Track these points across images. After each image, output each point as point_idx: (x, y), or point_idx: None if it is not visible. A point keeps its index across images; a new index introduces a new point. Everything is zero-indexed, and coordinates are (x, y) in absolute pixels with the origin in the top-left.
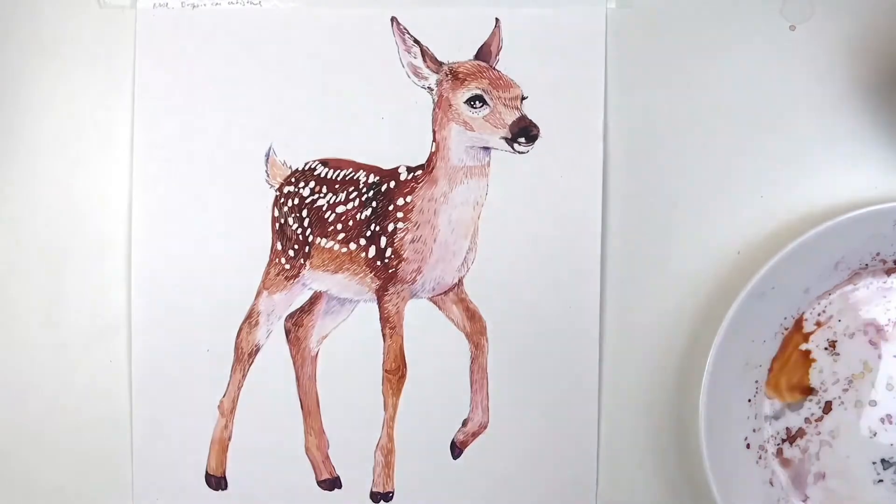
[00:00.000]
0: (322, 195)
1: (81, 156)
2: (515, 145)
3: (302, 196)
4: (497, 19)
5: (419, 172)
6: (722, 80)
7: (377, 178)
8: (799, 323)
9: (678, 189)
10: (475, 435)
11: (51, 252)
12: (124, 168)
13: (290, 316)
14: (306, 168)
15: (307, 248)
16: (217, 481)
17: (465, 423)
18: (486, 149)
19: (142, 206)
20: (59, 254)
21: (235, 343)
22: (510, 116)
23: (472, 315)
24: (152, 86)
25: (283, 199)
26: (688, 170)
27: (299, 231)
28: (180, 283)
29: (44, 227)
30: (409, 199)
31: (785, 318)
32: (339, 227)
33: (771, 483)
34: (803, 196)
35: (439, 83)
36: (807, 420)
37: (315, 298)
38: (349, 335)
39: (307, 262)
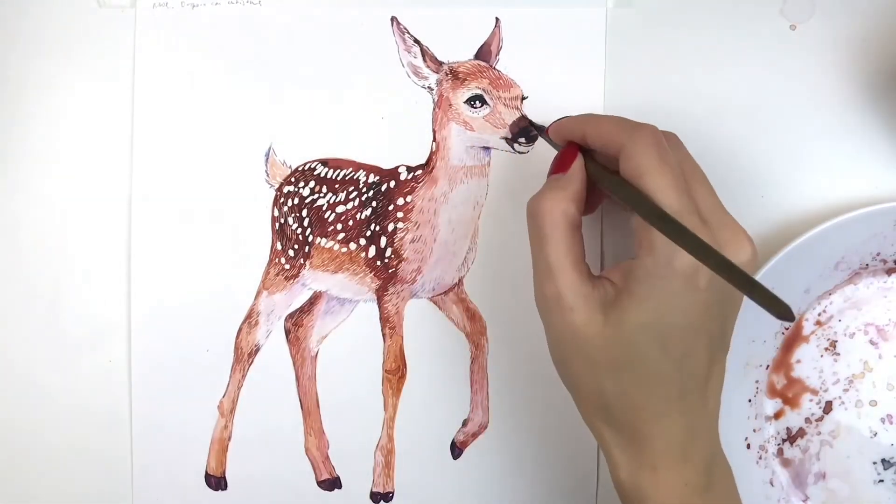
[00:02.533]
0: (322, 195)
1: (81, 155)
2: (515, 145)
3: (302, 196)
4: (497, 19)
5: (419, 172)
6: (722, 80)
7: (377, 177)
8: (799, 323)
9: None
10: (475, 435)
11: (51, 252)
12: (124, 168)
13: (290, 316)
14: (306, 168)
15: (307, 247)
16: (217, 481)
17: (465, 423)
18: (487, 149)
19: (141, 206)
20: (59, 254)
21: (235, 343)
22: (510, 116)
23: (472, 315)
24: (152, 86)
25: (282, 199)
26: None
27: (299, 231)
28: (180, 283)
29: (44, 227)
30: (409, 198)
31: None
32: (339, 226)
33: (771, 483)
34: (803, 196)
35: (439, 83)
36: (807, 420)
37: (315, 298)
38: (349, 335)
39: (307, 262)
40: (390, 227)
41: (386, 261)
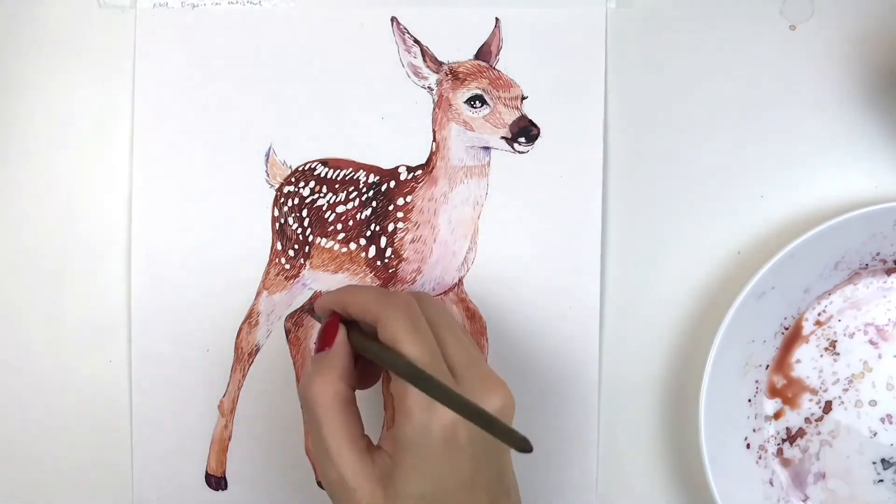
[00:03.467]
0: (322, 195)
1: (81, 156)
2: (515, 145)
3: (302, 196)
4: (497, 19)
5: (419, 172)
6: (722, 80)
7: (377, 177)
8: (799, 323)
9: (678, 189)
10: None
11: (51, 252)
12: (124, 168)
13: (291, 316)
14: (306, 168)
15: (307, 248)
16: (217, 481)
17: None
18: (486, 149)
19: (141, 206)
20: (59, 254)
21: (235, 343)
22: (510, 116)
23: (472, 315)
24: (152, 86)
25: (282, 199)
26: (687, 170)
27: (299, 231)
28: (180, 283)
29: (44, 227)
30: (409, 198)
31: (785, 318)
32: (339, 227)
33: (771, 483)
34: (803, 196)
35: (439, 83)
36: (807, 420)
37: (315, 298)
38: None
39: (307, 262)
40: (390, 227)
41: (386, 261)
